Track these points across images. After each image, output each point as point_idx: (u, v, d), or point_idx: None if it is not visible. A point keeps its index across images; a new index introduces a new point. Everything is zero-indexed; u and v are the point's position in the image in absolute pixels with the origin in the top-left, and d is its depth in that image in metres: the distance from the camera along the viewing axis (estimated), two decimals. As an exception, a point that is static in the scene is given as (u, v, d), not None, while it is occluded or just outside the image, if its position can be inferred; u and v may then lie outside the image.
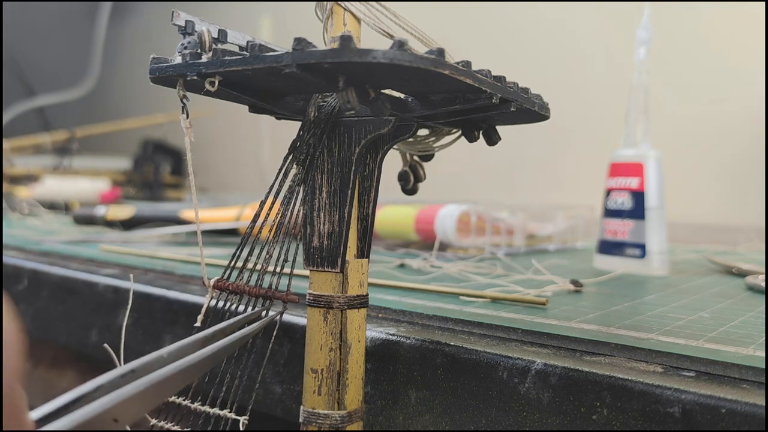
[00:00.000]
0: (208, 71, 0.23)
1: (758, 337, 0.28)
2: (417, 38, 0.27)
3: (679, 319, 0.32)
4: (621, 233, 0.50)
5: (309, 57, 0.21)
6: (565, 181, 1.12)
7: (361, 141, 0.26)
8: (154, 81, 0.25)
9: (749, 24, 0.95)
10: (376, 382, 0.29)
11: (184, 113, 0.25)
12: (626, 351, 0.26)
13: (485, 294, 0.36)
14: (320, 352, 0.25)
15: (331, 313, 0.25)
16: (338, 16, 0.26)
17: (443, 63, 0.21)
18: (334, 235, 0.26)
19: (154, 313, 0.38)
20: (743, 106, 0.96)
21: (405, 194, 0.32)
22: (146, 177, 1.43)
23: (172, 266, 0.46)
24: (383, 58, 0.20)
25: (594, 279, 0.44)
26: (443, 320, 0.31)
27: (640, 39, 0.50)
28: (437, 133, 0.31)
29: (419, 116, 0.26)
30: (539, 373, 0.25)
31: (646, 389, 0.22)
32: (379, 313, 0.33)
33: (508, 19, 1.20)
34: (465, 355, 0.26)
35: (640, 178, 0.49)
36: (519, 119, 0.28)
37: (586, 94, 1.09)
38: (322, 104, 0.27)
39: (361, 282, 0.26)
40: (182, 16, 0.26)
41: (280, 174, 0.26)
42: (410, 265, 0.48)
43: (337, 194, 0.26)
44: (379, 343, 0.29)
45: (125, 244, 0.59)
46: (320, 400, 0.25)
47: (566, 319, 0.31)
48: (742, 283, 0.45)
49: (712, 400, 0.21)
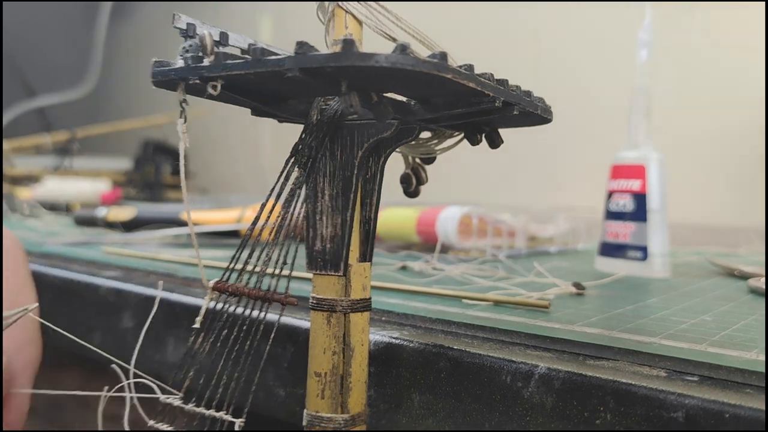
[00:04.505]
0: (211, 75, 0.23)
1: (761, 341, 0.28)
2: (419, 41, 0.27)
3: (682, 322, 0.32)
4: (623, 235, 0.50)
5: (311, 61, 0.21)
6: (567, 183, 1.12)
7: (364, 144, 0.26)
8: (157, 85, 0.25)
9: (750, 26, 0.95)
10: (379, 386, 0.29)
11: (182, 118, 0.25)
12: (629, 355, 0.26)
13: (488, 297, 0.36)
14: (324, 355, 0.25)
15: (334, 316, 0.25)
16: (340, 18, 0.26)
17: (446, 67, 0.21)
18: (337, 238, 0.26)
19: (156, 316, 0.38)
20: (745, 108, 0.96)
21: (407, 197, 0.32)
22: (147, 177, 1.43)
23: (174, 269, 0.46)
24: (386, 62, 0.20)
25: (596, 282, 0.43)
26: (446, 324, 0.31)
27: (642, 41, 0.50)
28: (439, 136, 0.31)
29: (422, 120, 0.26)
30: (542, 378, 0.24)
31: (650, 394, 0.22)
32: (382, 316, 0.33)
33: (510, 21, 1.20)
34: (468, 359, 0.26)
35: (642, 180, 0.49)
36: (522, 122, 0.28)
37: (588, 96, 1.09)
38: (325, 107, 0.27)
39: (364, 285, 0.26)
40: (183, 18, 0.26)
41: (281, 177, 0.26)
42: (412, 267, 0.48)
43: (340, 198, 0.26)
44: (382, 346, 0.29)
45: (127, 246, 0.59)
46: (324, 404, 0.25)
47: (569, 322, 0.31)
48: (744, 285, 0.45)
49: (715, 405, 0.21)
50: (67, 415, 0.56)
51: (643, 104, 0.50)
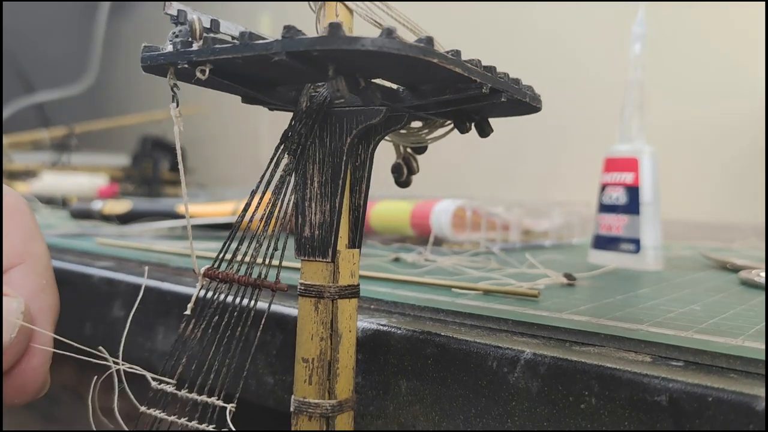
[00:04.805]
0: (199, 59, 0.23)
1: (748, 329, 0.28)
2: (410, 29, 0.27)
3: (671, 311, 0.32)
4: (615, 228, 0.50)
5: (298, 45, 0.21)
6: (562, 177, 1.13)
7: (353, 131, 0.26)
8: (146, 70, 0.25)
9: (747, 21, 0.95)
10: (367, 372, 0.29)
11: (175, 102, 0.25)
12: (616, 341, 0.26)
13: (477, 286, 0.36)
14: (311, 341, 0.25)
15: (322, 302, 0.25)
16: (330, 7, 0.26)
17: (432, 51, 0.21)
18: (326, 225, 0.26)
19: (147, 305, 0.38)
20: (740, 102, 0.96)
21: (398, 186, 0.32)
22: (145, 173, 1.43)
23: (167, 259, 0.47)
24: (372, 46, 0.20)
25: (587, 273, 0.44)
26: (435, 311, 0.31)
27: (636, 35, 0.50)
28: (430, 125, 0.31)
29: (410, 106, 0.26)
30: (528, 363, 0.25)
31: (635, 378, 0.22)
32: (371, 304, 0.33)
33: (504, 16, 1.20)
34: (455, 346, 0.26)
35: (635, 173, 0.49)
36: (511, 111, 0.28)
37: (582, 89, 1.09)
38: (314, 94, 0.27)
39: (353, 272, 0.26)
40: (174, 5, 0.26)
41: (271, 164, 0.26)
42: (405, 259, 0.48)
43: (329, 184, 0.26)
44: (370, 333, 0.29)
45: (121, 238, 0.59)
46: (311, 390, 0.25)
47: (557, 310, 0.31)
48: (735, 278, 0.45)
49: (699, 388, 0.21)
50: (62, 408, 0.56)
51: (636, 98, 0.50)
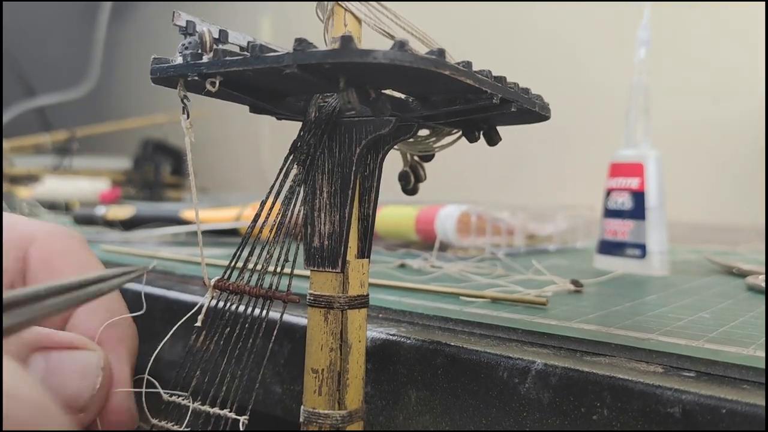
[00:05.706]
0: (209, 72, 0.23)
1: (758, 338, 0.28)
2: (418, 39, 0.27)
3: (680, 319, 0.32)
4: (621, 233, 0.50)
5: (310, 57, 0.21)
6: (566, 181, 1.12)
7: (362, 141, 0.26)
8: (155, 81, 0.25)
9: (749, 24, 0.95)
10: (376, 382, 0.29)
11: (185, 114, 0.25)
12: (626, 351, 0.26)
13: (485, 294, 0.36)
14: (321, 352, 0.25)
15: (331, 313, 0.25)
16: (339, 16, 0.26)
17: (444, 63, 0.21)
18: (335, 235, 0.26)
19: (154, 313, 0.38)
20: (743, 105, 0.96)
21: (405, 194, 0.32)
22: (146, 177, 1.43)
23: (172, 266, 0.46)
24: (384, 59, 0.20)
25: (594, 279, 0.44)
26: (443, 320, 0.31)
27: (640, 39, 0.50)
28: (438, 134, 0.31)
29: (420, 117, 0.26)
30: (539, 374, 0.25)
31: (647, 389, 0.22)
32: (379, 313, 0.33)
33: (509, 19, 1.20)
34: (465, 356, 0.26)
35: (641, 178, 0.49)
36: (520, 120, 0.28)
37: (586, 94, 1.09)
38: (323, 105, 0.27)
39: (362, 282, 0.26)
40: (183, 16, 0.26)
41: (280, 174, 0.26)
42: (410, 265, 0.48)
43: (338, 194, 0.26)
44: (379, 343, 0.29)
45: (126, 245, 0.59)
46: (321, 400, 0.25)
47: (566, 319, 0.31)
48: (742, 283, 0.45)
49: (712, 400, 0.21)
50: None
51: (641, 102, 0.50)
